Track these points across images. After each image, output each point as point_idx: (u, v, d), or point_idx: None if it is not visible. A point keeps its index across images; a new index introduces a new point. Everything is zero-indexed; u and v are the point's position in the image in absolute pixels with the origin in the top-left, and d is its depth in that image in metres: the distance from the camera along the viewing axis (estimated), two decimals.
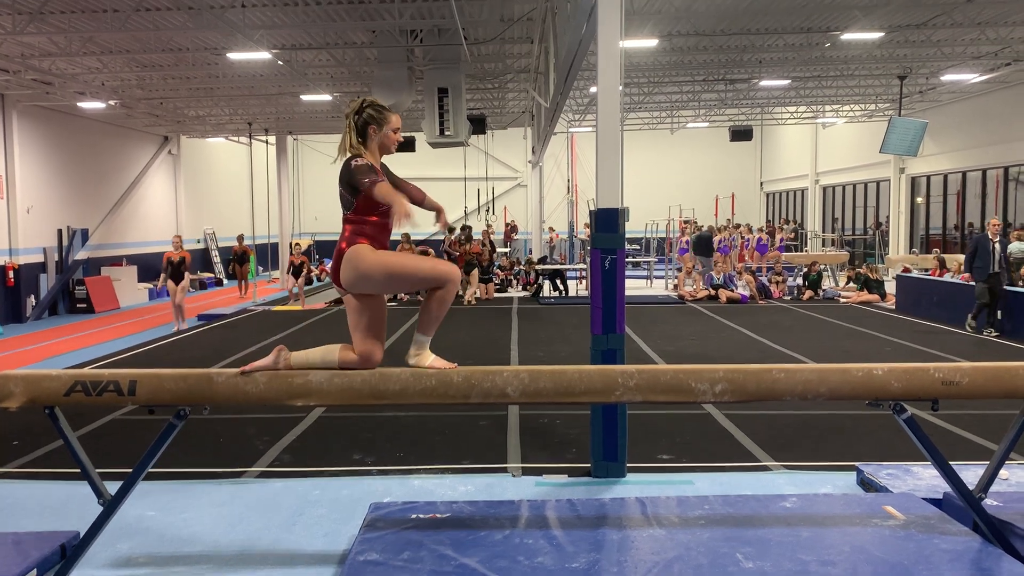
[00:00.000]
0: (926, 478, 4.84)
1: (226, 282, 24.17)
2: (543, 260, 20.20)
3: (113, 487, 3.73)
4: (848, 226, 26.67)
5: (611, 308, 5.22)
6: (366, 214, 3.53)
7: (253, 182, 23.33)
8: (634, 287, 18.99)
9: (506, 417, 6.95)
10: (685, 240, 19.96)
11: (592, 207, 5.54)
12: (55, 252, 17.15)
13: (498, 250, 21.88)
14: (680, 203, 26.57)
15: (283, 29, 12.21)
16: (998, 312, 11.63)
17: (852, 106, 22.65)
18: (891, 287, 16.22)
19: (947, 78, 17.31)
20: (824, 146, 27.52)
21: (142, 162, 21.49)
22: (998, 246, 11.53)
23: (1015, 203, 18.29)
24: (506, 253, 23.90)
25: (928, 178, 21.89)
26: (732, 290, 16.76)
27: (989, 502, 4.04)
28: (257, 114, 20.70)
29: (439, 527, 4.03)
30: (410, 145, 18.80)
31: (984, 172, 19.27)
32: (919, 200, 22.51)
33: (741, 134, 23.08)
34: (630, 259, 24.11)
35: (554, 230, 27.59)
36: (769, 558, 3.63)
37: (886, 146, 17.26)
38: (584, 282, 19.45)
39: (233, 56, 12.98)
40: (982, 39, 13.91)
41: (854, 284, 17.53)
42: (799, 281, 17.74)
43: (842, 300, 16.46)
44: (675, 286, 19.15)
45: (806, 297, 16.71)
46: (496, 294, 18.27)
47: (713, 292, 16.75)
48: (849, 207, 26.75)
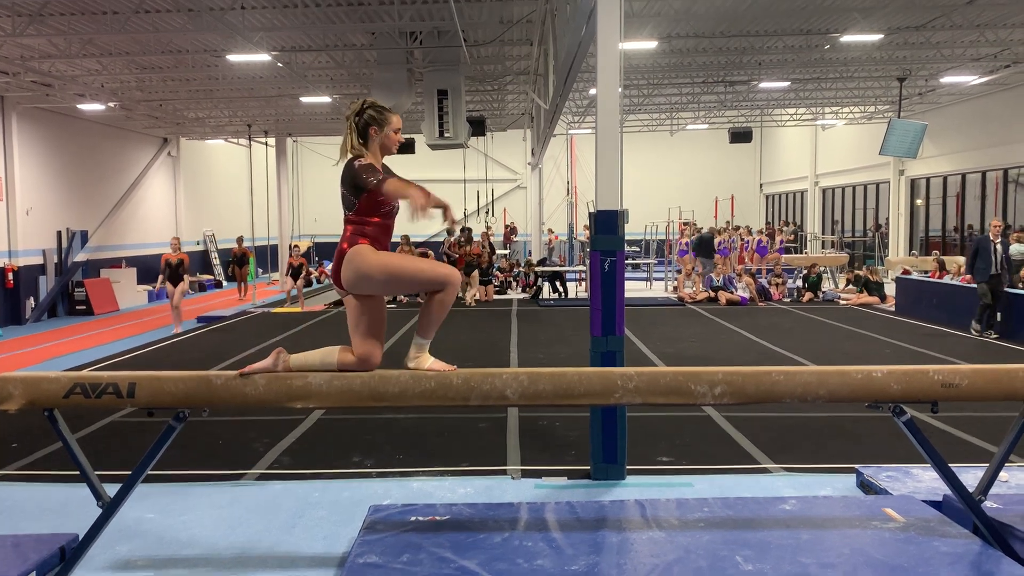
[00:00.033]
0: (926, 480, 4.84)
1: (225, 284, 24.16)
2: (543, 262, 20.20)
3: (112, 489, 3.73)
4: (848, 228, 26.68)
5: (610, 310, 5.22)
6: (368, 215, 3.54)
7: (253, 184, 23.33)
8: (634, 289, 18.99)
9: (505, 419, 6.95)
10: (685, 242, 19.95)
11: (591, 209, 5.54)
12: (54, 254, 17.16)
13: (497, 252, 21.88)
14: (679, 205, 26.56)
15: (283, 31, 12.22)
16: (997, 314, 11.63)
17: (852, 108, 22.66)
18: (891, 289, 16.22)
19: (946, 80, 17.33)
20: (824, 148, 27.53)
21: (141, 164, 21.49)
22: (999, 247, 11.53)
23: (1014, 205, 18.30)
24: (505, 255, 23.91)
25: (928, 180, 21.90)
26: (732, 292, 16.77)
27: (989, 504, 4.03)
28: (257, 116, 20.72)
29: (438, 529, 4.03)
30: (410, 147, 18.82)
31: (984, 174, 19.28)
32: (919, 202, 22.52)
33: (741, 136, 23.09)
34: (629, 261, 24.11)
35: (553, 232, 27.56)
36: (769, 561, 3.63)
37: (886, 148, 17.26)
38: (583, 284, 19.45)
39: (233, 58, 13.00)
40: (981, 41, 13.92)
41: (854, 286, 17.52)
42: (799, 283, 17.75)
43: (842, 302, 16.46)
44: (675, 288, 19.16)
45: (806, 299, 16.71)
46: (496, 296, 18.28)
47: (712, 294, 16.75)
48: (849, 209, 26.76)
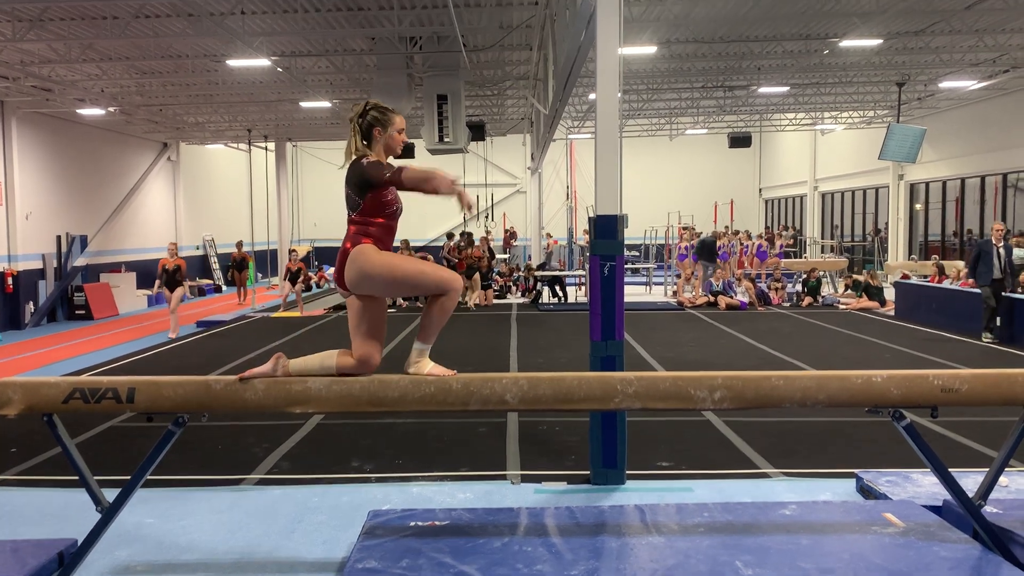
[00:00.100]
0: (926, 485, 4.84)
1: (225, 289, 24.15)
2: (542, 266, 20.21)
3: (111, 494, 3.72)
4: (847, 233, 26.69)
5: (610, 315, 5.22)
6: (372, 216, 3.53)
7: (252, 189, 23.32)
8: (633, 293, 18.99)
9: (505, 424, 6.95)
10: (684, 246, 19.97)
11: (591, 213, 5.54)
12: (54, 258, 17.15)
13: (497, 256, 21.89)
14: (679, 209, 26.58)
15: (282, 36, 12.24)
16: (997, 319, 11.63)
17: (851, 113, 22.68)
18: (890, 293, 16.22)
19: (945, 85, 17.35)
20: (823, 153, 27.55)
21: (141, 169, 21.51)
22: (1002, 251, 11.52)
23: (1014, 210, 18.31)
24: (505, 259, 23.91)
25: (927, 185, 21.91)
26: (731, 296, 16.77)
27: (989, 509, 4.03)
28: (256, 121, 20.74)
29: (438, 534, 4.02)
30: (409, 152, 18.85)
31: (983, 179, 19.29)
32: (918, 207, 22.53)
33: (740, 141, 23.10)
34: (629, 265, 24.12)
35: (551, 236, 27.54)
36: (769, 566, 3.62)
37: (885, 153, 17.28)
38: (583, 288, 19.45)
39: (232, 63, 13.01)
40: (980, 46, 13.95)
41: (853, 291, 17.53)
42: (798, 287, 17.75)
43: (841, 306, 16.47)
44: (674, 292, 19.16)
45: (805, 303, 16.71)
46: (495, 300, 18.28)
47: (712, 299, 16.74)
48: (848, 214, 26.77)
